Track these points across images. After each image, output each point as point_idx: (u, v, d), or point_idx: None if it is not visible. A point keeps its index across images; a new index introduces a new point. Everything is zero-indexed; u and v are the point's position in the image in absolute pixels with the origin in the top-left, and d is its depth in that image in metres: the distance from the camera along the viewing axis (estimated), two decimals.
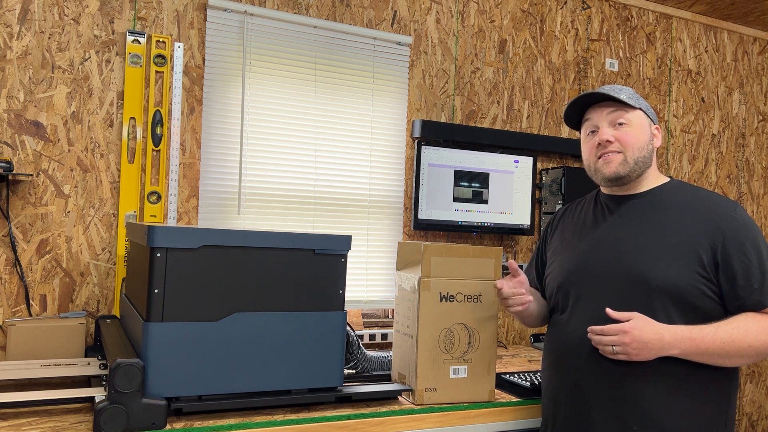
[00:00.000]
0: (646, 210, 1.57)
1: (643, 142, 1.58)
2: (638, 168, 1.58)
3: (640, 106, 1.59)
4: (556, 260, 1.71)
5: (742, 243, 1.45)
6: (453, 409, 1.74)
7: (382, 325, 2.57)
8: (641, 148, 1.57)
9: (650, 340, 1.41)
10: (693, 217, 1.50)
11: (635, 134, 1.57)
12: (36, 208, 2.06)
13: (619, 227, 1.59)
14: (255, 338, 1.59)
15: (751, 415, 3.48)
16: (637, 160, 1.57)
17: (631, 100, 1.58)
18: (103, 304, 2.14)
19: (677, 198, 1.57)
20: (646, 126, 1.60)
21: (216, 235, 1.56)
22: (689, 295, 1.45)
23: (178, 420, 1.51)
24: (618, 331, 1.42)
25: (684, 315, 1.46)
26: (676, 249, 1.48)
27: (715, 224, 1.48)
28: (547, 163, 2.94)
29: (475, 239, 2.79)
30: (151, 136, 2.19)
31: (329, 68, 2.48)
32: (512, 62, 2.86)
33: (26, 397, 1.50)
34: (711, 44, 3.41)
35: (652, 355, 1.42)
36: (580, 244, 1.65)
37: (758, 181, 3.55)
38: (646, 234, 1.53)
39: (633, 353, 1.41)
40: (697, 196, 1.56)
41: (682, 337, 1.41)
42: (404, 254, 1.88)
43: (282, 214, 2.40)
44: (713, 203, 1.52)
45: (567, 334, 1.60)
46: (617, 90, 1.59)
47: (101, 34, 2.14)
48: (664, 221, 1.53)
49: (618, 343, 1.42)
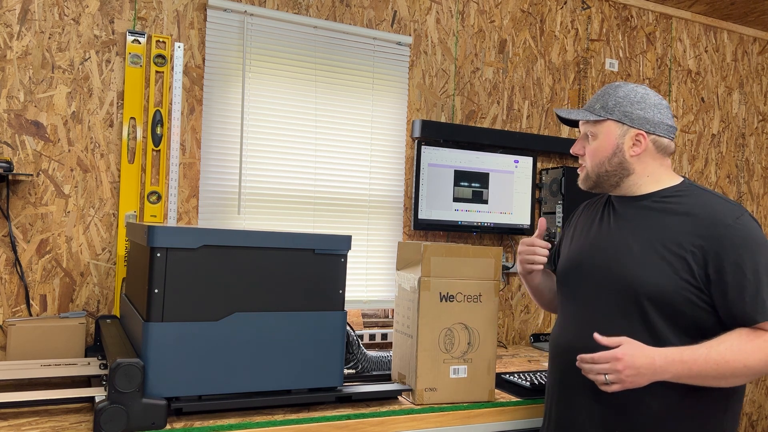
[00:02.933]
0: (646, 213, 1.54)
1: (605, 156, 1.55)
2: (603, 180, 1.58)
3: (611, 116, 1.54)
4: (562, 257, 1.71)
5: (737, 254, 1.38)
6: (453, 409, 1.74)
7: (382, 325, 2.57)
8: (601, 163, 1.56)
9: (642, 365, 1.34)
10: (691, 224, 1.45)
11: (595, 148, 1.57)
12: (36, 208, 2.06)
13: (618, 230, 1.57)
14: (255, 338, 1.59)
15: (751, 415, 3.48)
16: (599, 174, 1.57)
17: (603, 111, 1.55)
18: (103, 304, 2.14)
19: (681, 202, 1.51)
20: (612, 137, 1.55)
21: (216, 235, 1.56)
22: (677, 303, 1.41)
23: (178, 420, 1.51)
24: (610, 359, 1.35)
25: (673, 324, 1.42)
26: (667, 256, 1.44)
27: (711, 233, 1.41)
28: (547, 163, 2.94)
29: (475, 239, 2.79)
30: (151, 136, 2.19)
31: (329, 68, 2.48)
32: (512, 62, 2.86)
33: (26, 397, 1.50)
34: (711, 44, 3.41)
35: (644, 381, 1.36)
36: (581, 244, 1.64)
37: (758, 181, 3.55)
38: (640, 239, 1.49)
39: (627, 381, 1.35)
40: (701, 201, 1.49)
41: (674, 360, 1.35)
42: (404, 254, 1.88)
43: (282, 214, 2.40)
44: (714, 210, 1.45)
45: (559, 333, 1.63)
46: (599, 96, 1.58)
47: (101, 34, 2.14)
48: (662, 226, 1.49)
49: (611, 371, 1.35)
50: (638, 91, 1.56)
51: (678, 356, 1.36)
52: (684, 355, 1.36)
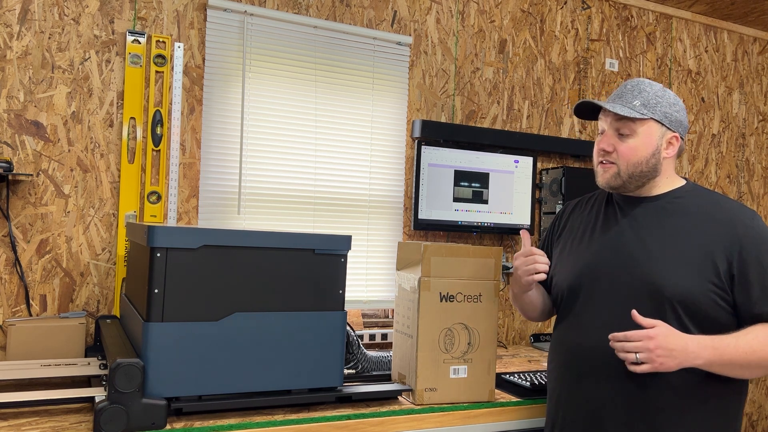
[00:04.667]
0: (660, 214, 1.53)
1: (643, 156, 1.51)
2: (634, 181, 1.53)
3: (654, 116, 1.50)
4: (566, 259, 1.65)
5: (759, 253, 1.42)
6: (453, 409, 1.74)
7: (382, 325, 2.57)
8: (639, 163, 1.51)
9: (675, 348, 1.35)
10: (709, 225, 1.46)
11: (635, 147, 1.50)
12: (36, 208, 2.06)
13: (632, 231, 1.54)
14: (255, 338, 1.59)
15: (751, 415, 3.48)
16: (631, 174, 1.51)
17: (645, 108, 1.50)
18: (103, 304, 2.14)
19: (693, 203, 1.51)
20: (654, 138, 1.51)
21: (216, 235, 1.56)
22: (703, 305, 1.42)
23: (178, 420, 1.51)
24: (643, 337, 1.35)
25: (698, 325, 1.43)
26: (691, 257, 1.44)
27: (732, 234, 1.44)
28: (547, 163, 2.94)
29: (475, 239, 2.79)
30: (151, 136, 2.19)
31: (329, 68, 2.48)
32: (512, 62, 2.86)
33: (26, 397, 1.50)
34: (711, 44, 3.41)
35: (675, 364, 1.36)
36: (591, 245, 1.60)
37: (758, 181, 3.55)
38: (660, 240, 1.49)
39: (657, 361, 1.34)
40: (714, 202, 1.51)
41: (706, 346, 1.36)
42: (404, 254, 1.88)
43: (282, 214, 2.40)
44: (731, 212, 1.48)
45: (577, 338, 1.56)
46: (634, 93, 1.52)
47: (101, 34, 2.14)
48: (679, 227, 1.49)
49: (642, 350, 1.34)
50: (668, 91, 1.54)
51: (710, 342, 1.38)
52: (715, 342, 1.38)
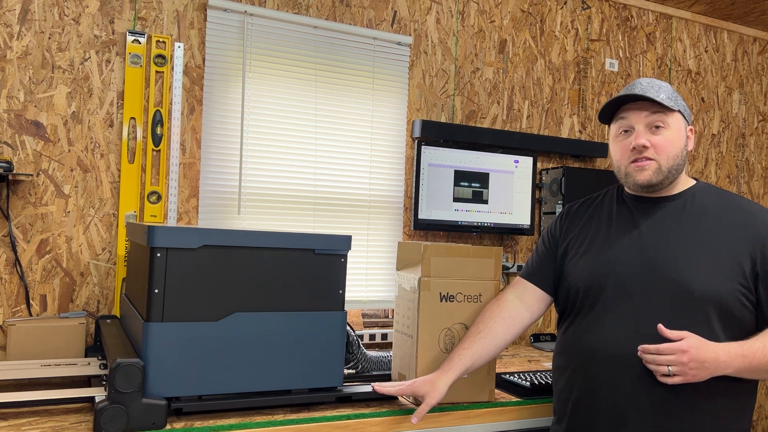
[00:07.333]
0: (679, 214, 1.51)
1: (679, 149, 1.50)
2: (672, 176, 1.50)
3: (679, 108, 1.50)
4: (579, 260, 1.59)
5: None
6: (453, 409, 1.74)
7: (382, 325, 2.57)
8: (676, 156, 1.49)
9: (707, 359, 1.34)
10: (731, 225, 1.46)
11: (672, 140, 1.48)
12: (36, 208, 2.06)
13: (652, 231, 1.51)
14: (255, 338, 1.59)
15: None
16: (671, 168, 1.49)
17: (670, 101, 1.48)
18: (103, 304, 2.14)
19: (711, 203, 1.51)
20: (683, 130, 1.51)
21: (216, 235, 1.56)
22: (731, 307, 1.41)
23: (178, 420, 1.51)
24: (675, 350, 1.34)
25: (726, 326, 1.41)
26: (718, 259, 1.43)
27: (754, 233, 1.44)
28: (547, 163, 2.94)
29: (475, 239, 2.79)
30: (151, 136, 2.19)
31: (329, 68, 2.48)
32: (512, 62, 2.86)
33: (26, 397, 1.50)
34: (711, 44, 3.41)
35: (707, 375, 1.35)
36: (607, 246, 1.55)
37: (758, 181, 3.55)
38: (683, 241, 1.46)
39: (690, 374, 1.34)
40: (733, 202, 1.51)
41: (736, 355, 1.36)
42: (404, 254, 1.87)
43: (282, 214, 2.40)
44: (751, 211, 1.48)
45: (595, 342, 1.50)
46: (656, 88, 1.49)
47: (101, 34, 2.14)
48: (701, 227, 1.47)
49: (675, 363, 1.33)
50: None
51: (739, 350, 1.37)
52: (744, 349, 1.37)
